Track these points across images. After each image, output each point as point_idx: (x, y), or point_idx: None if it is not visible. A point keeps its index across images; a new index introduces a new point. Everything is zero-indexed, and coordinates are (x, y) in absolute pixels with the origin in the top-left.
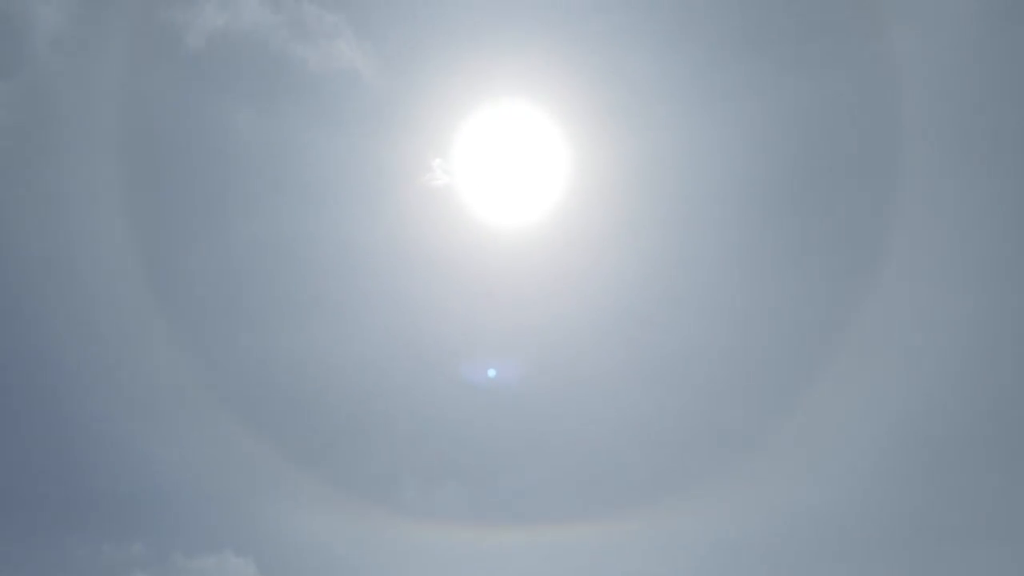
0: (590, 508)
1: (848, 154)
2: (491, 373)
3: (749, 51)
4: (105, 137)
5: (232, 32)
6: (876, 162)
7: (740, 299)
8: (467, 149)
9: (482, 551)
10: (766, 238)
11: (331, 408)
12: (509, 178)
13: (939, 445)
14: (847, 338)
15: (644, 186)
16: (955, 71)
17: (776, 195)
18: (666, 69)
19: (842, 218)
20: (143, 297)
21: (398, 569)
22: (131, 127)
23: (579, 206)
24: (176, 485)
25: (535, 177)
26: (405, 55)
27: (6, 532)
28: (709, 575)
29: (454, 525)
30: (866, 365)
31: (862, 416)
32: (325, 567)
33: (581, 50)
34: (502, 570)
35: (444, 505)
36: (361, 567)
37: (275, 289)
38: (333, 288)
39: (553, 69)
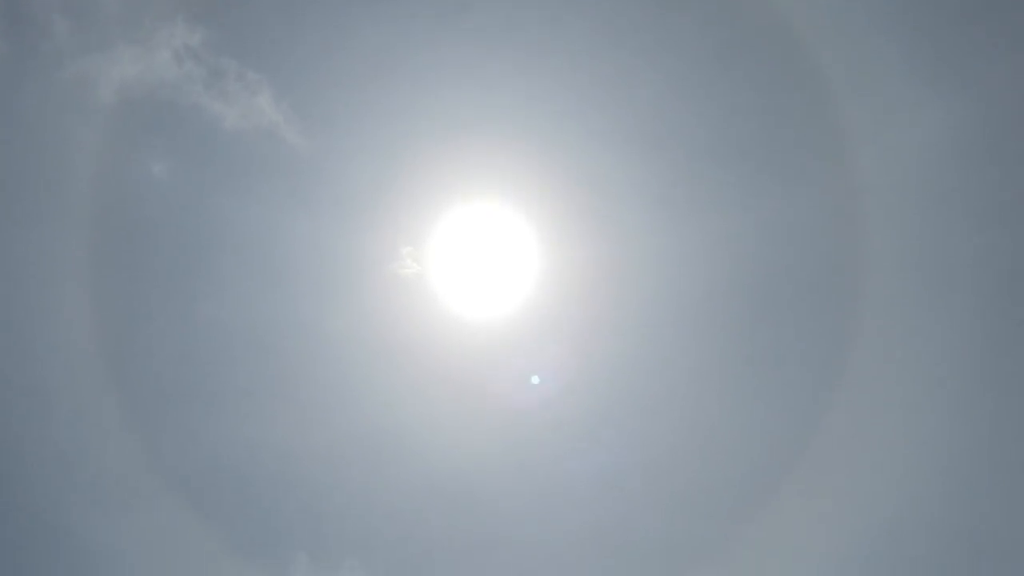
0: None
1: (815, 269)
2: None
3: (722, 163)
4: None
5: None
6: (843, 279)
7: (703, 408)
8: (438, 239)
9: None
10: (732, 348)
11: (286, 500)
12: (479, 271)
13: (900, 562)
14: (811, 449)
15: (613, 290)
16: (919, 195)
17: (742, 306)
18: (640, 176)
19: (808, 332)
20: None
21: None
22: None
23: (549, 304)
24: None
25: (506, 272)
26: (385, 141)
27: None
28: None
29: None
30: (828, 477)
31: (825, 528)
32: None
33: (558, 150)
34: None
35: None
36: None
37: (231, 376)
38: (291, 374)
39: (531, 167)
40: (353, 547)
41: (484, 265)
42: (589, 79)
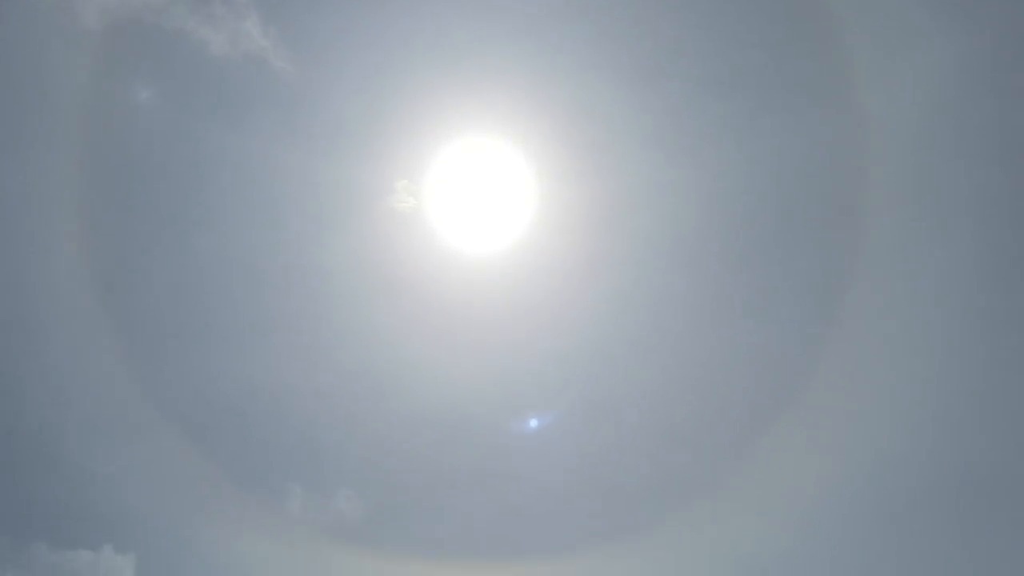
0: (536, 549)
1: (816, 204)
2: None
3: (724, 95)
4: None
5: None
6: (844, 213)
7: (701, 343)
8: (434, 173)
9: None
10: (732, 282)
11: (281, 432)
12: (476, 205)
13: (895, 495)
14: (806, 385)
15: (611, 223)
16: (923, 127)
17: (742, 240)
18: (640, 108)
19: (807, 267)
20: None
21: None
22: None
23: (546, 238)
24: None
25: (503, 206)
26: (379, 70)
27: None
28: None
29: (395, 559)
30: (823, 413)
31: (818, 463)
32: None
33: (556, 82)
34: None
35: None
36: None
37: (223, 309)
38: (284, 308)
39: (529, 99)
40: (348, 479)
41: (481, 199)
42: (588, 10)
